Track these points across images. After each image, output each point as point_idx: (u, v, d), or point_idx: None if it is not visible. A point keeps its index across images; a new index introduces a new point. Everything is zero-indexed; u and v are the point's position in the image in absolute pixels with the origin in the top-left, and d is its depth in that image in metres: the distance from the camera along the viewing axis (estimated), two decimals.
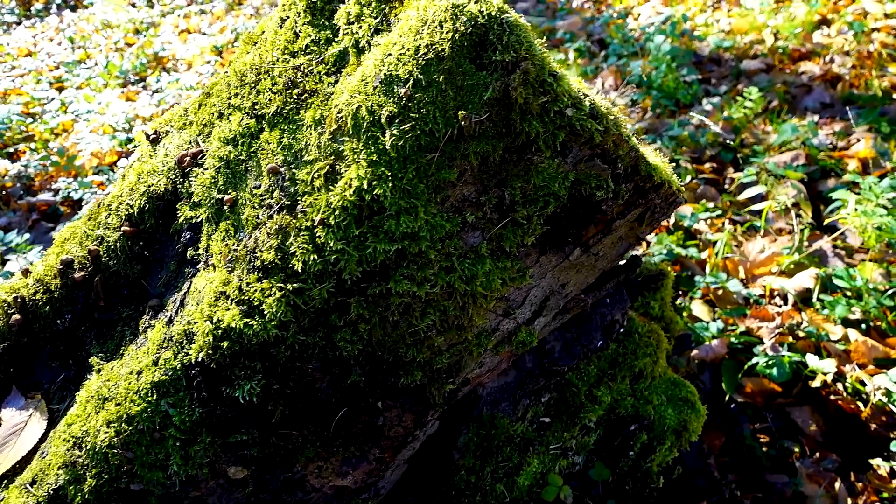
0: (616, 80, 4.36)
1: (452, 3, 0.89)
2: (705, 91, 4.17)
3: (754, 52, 4.47)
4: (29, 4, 7.50)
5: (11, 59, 6.19)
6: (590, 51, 4.85)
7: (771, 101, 3.91)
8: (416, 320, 1.01)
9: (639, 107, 4.16)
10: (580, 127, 0.92)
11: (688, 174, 3.28)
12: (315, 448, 1.10)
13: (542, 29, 5.22)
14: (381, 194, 0.91)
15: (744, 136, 3.58)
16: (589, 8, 5.65)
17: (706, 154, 3.47)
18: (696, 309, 2.34)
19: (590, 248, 1.10)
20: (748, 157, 3.44)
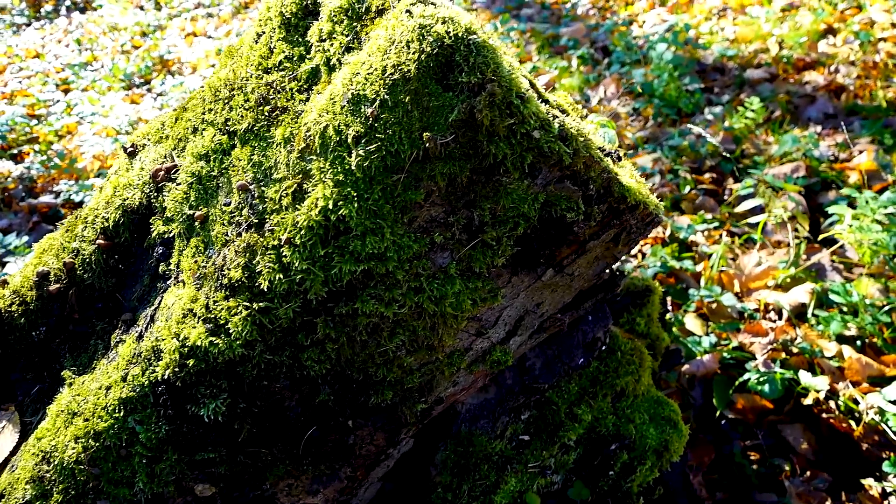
0: (618, 88, 4.34)
1: (420, 24, 0.88)
2: (708, 100, 4.15)
3: (758, 61, 4.44)
4: (39, 6, 7.57)
5: (20, 60, 6.24)
6: (593, 58, 4.83)
7: (773, 112, 3.88)
8: (385, 340, 1.00)
9: (640, 115, 4.15)
10: (548, 149, 0.91)
11: (687, 184, 3.26)
12: (285, 466, 1.09)
13: (545, 35, 5.21)
14: (346, 214, 0.90)
15: (745, 146, 3.55)
16: (594, 15, 5.63)
17: (706, 164, 3.45)
18: (689, 323, 2.32)
19: (564, 268, 1.09)
20: (748, 167, 3.41)
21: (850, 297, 2.30)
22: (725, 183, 3.37)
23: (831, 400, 2.06)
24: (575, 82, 4.39)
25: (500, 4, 5.93)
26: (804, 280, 2.49)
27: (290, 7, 1.08)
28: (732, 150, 3.53)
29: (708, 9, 5.39)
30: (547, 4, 5.88)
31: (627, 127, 4.00)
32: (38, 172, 4.04)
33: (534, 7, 5.85)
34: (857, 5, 4.99)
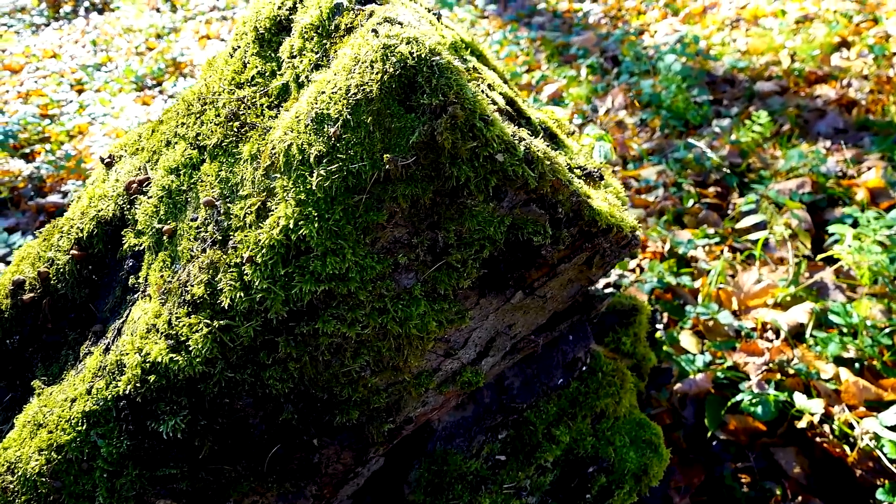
0: (626, 99, 4.31)
1: (384, 44, 0.87)
2: (716, 112, 4.10)
3: (769, 73, 4.39)
4: (58, 6, 7.67)
5: (37, 60, 6.33)
6: (602, 67, 4.80)
7: (782, 125, 3.83)
8: (349, 360, 0.99)
9: (647, 126, 4.11)
10: (513, 172, 0.89)
11: (690, 198, 3.23)
12: (249, 483, 1.08)
13: (556, 44, 5.19)
14: (307, 234, 0.90)
15: (751, 160, 3.51)
16: (605, 24, 5.60)
17: (711, 178, 3.40)
18: (684, 340, 2.28)
19: (535, 290, 1.07)
20: (754, 182, 3.37)
21: (851, 318, 2.26)
22: (730, 197, 3.33)
23: (826, 424, 2.02)
24: (583, 92, 4.37)
25: (511, 12, 5.92)
26: (804, 299, 2.45)
27: (263, 22, 1.07)
28: (738, 164, 3.49)
29: (721, 19, 5.34)
30: (559, 13, 5.86)
31: (634, 138, 3.97)
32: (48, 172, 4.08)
33: (545, 15, 5.83)
34: (872, 18, 4.91)
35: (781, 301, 2.44)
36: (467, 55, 1.52)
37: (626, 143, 3.80)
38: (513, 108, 1.25)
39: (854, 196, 3.14)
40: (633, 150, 3.76)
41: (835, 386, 2.11)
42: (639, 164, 3.64)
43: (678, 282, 2.54)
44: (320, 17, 1.00)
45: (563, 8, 5.94)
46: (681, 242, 2.74)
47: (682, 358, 2.18)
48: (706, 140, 3.74)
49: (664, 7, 5.73)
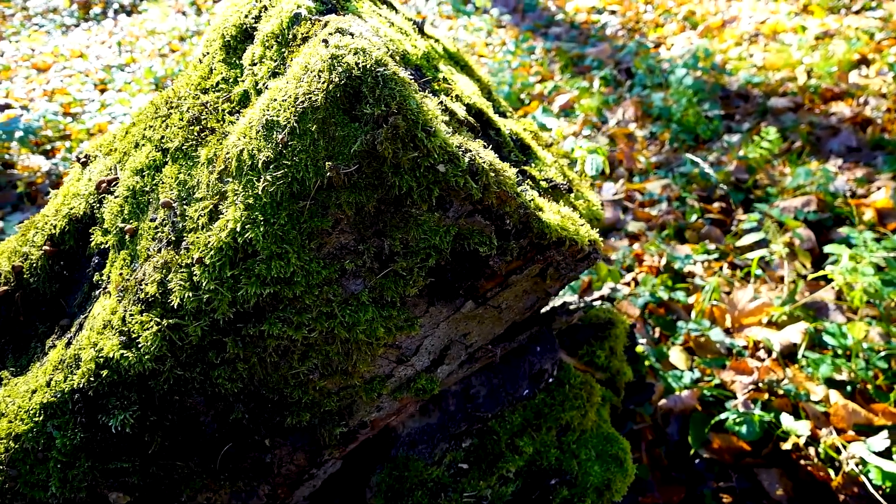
0: (636, 112, 4.29)
1: (332, 54, 0.89)
2: (727, 127, 4.06)
3: (784, 89, 4.34)
4: (88, 8, 7.87)
5: (64, 59, 6.50)
6: (616, 79, 4.79)
7: (794, 142, 3.78)
8: (296, 363, 1.01)
9: (657, 140, 4.09)
10: (455, 183, 0.90)
11: (693, 213, 3.20)
12: (202, 480, 1.10)
13: (571, 55, 5.19)
14: (253, 238, 0.92)
15: (759, 176, 3.46)
16: (622, 36, 5.58)
17: (716, 193, 3.37)
18: (673, 356, 2.26)
19: (488, 300, 1.08)
20: (760, 199, 3.33)
21: (845, 339, 2.22)
22: (735, 213, 3.29)
23: (812, 446, 1.98)
24: (594, 103, 4.36)
25: (529, 22, 5.93)
26: (801, 318, 2.41)
27: (230, 30, 1.10)
28: (745, 180, 3.45)
29: (739, 34, 5.30)
30: (576, 24, 5.86)
31: (643, 151, 3.95)
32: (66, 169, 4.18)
33: (563, 26, 5.83)
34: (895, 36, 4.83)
35: (776, 320, 2.41)
36: (448, 66, 1.54)
37: (633, 155, 3.78)
38: (480, 119, 1.26)
39: (862, 216, 3.09)
40: (641, 163, 3.74)
41: (824, 408, 2.07)
42: (645, 178, 3.62)
43: (672, 297, 2.52)
44: (280, 26, 1.02)
45: (580, 19, 5.94)
46: (678, 257, 2.72)
47: (669, 374, 2.17)
48: (715, 155, 3.71)
49: (683, 20, 5.70)
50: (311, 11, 1.02)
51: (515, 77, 4.55)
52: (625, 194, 3.46)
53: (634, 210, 3.29)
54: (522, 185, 1.17)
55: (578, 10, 6.14)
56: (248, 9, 1.10)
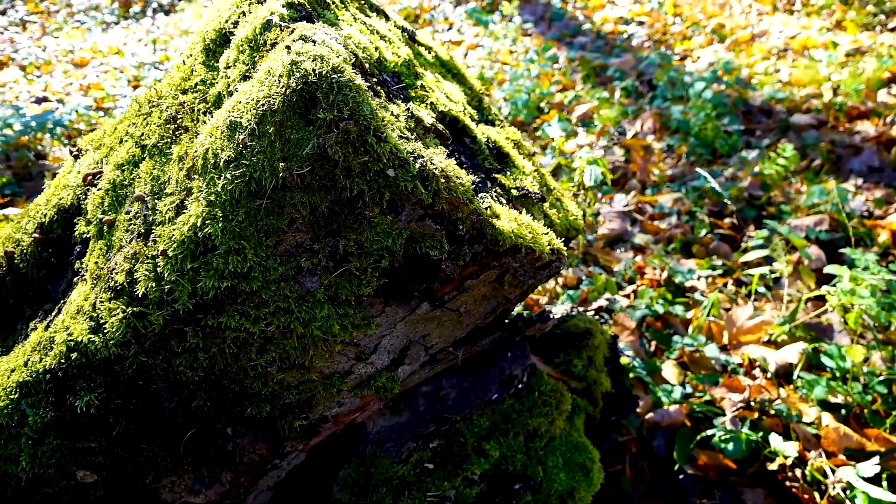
0: (655, 124, 4.27)
1: (292, 60, 0.93)
2: (746, 142, 4.02)
3: (808, 106, 4.27)
4: (128, 6, 8.12)
5: (102, 55, 6.72)
6: (637, 90, 4.77)
7: (814, 160, 3.72)
8: (254, 356, 1.05)
9: (674, 153, 4.06)
10: (405, 188, 0.93)
11: (703, 228, 3.17)
12: (166, 463, 1.15)
13: (594, 64, 5.18)
14: (212, 233, 0.96)
15: (773, 193, 3.42)
16: (648, 47, 5.55)
17: (728, 209, 3.34)
18: (666, 370, 2.25)
19: (445, 303, 1.11)
20: (773, 216, 3.28)
21: (844, 362, 2.18)
22: (746, 230, 3.25)
23: (799, 468, 1.95)
24: (613, 114, 4.34)
25: (555, 31, 5.94)
26: (802, 338, 2.38)
27: (210, 34, 1.15)
28: (759, 196, 3.41)
29: (768, 48, 5.22)
30: (603, 34, 5.84)
31: (659, 164, 3.92)
32: None
33: (589, 36, 5.82)
34: None
35: (775, 339, 2.38)
36: (437, 73, 1.57)
37: (647, 168, 3.76)
38: (454, 126, 1.29)
39: (877, 237, 3.03)
40: (655, 175, 3.72)
41: (815, 430, 2.04)
42: (658, 190, 3.60)
43: (671, 311, 2.51)
44: (254, 31, 1.06)
45: (607, 30, 5.92)
46: (680, 272, 2.70)
47: (659, 387, 2.16)
48: (731, 170, 3.67)
49: (711, 33, 5.64)
50: (284, 18, 1.06)
51: (535, 85, 4.56)
52: (635, 206, 3.44)
53: (643, 222, 3.28)
54: (488, 191, 1.20)
55: (606, 20, 6.12)
56: (229, 14, 1.15)
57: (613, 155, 4.00)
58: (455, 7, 6.54)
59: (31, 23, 8.11)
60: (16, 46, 7.40)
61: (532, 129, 4.44)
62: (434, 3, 6.74)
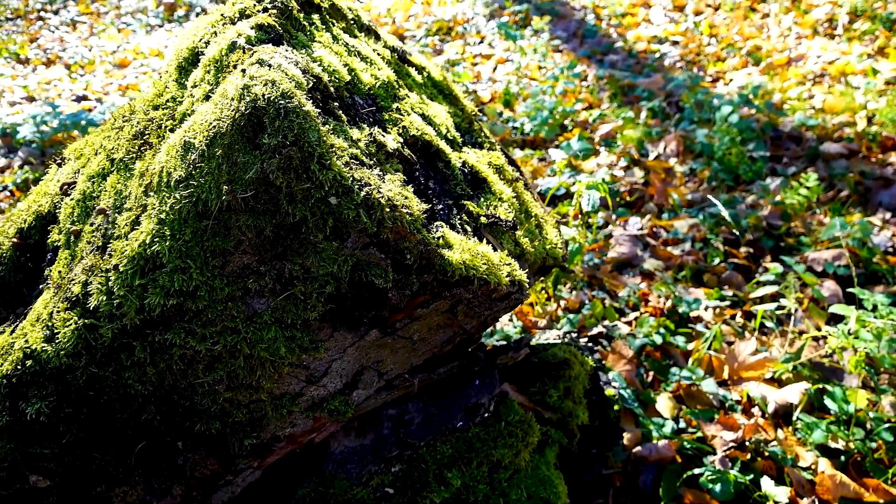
0: (679, 146, 4.19)
1: (245, 84, 0.94)
2: (772, 170, 3.91)
3: (840, 134, 4.14)
4: (173, 10, 8.35)
5: (143, 57, 6.92)
6: (664, 112, 4.69)
7: (840, 191, 3.60)
8: (201, 374, 1.06)
9: (696, 177, 3.98)
10: (347, 216, 0.93)
11: (716, 256, 3.10)
12: (118, 473, 1.16)
13: (622, 83, 5.12)
14: (160, 251, 0.97)
15: (794, 224, 3.32)
16: (680, 68, 5.46)
17: (745, 237, 3.25)
18: (660, 403, 2.20)
19: (397, 331, 1.10)
20: (792, 247, 3.19)
21: (847, 405, 2.09)
22: (763, 260, 3.16)
23: None
24: (637, 134, 4.28)
25: (586, 48, 5.90)
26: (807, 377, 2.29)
27: (184, 52, 1.17)
28: (778, 226, 3.31)
29: (804, 73, 5.09)
30: (634, 52, 5.78)
31: (680, 188, 3.85)
32: None
33: (620, 54, 5.76)
34: None
35: (779, 377, 2.30)
36: (425, 93, 1.57)
37: (666, 191, 3.69)
38: (427, 151, 1.28)
39: None
40: (673, 199, 3.65)
41: (811, 476, 1.96)
42: (675, 215, 3.53)
43: (672, 341, 2.45)
44: (220, 52, 1.08)
45: (639, 48, 5.85)
46: (686, 300, 2.64)
47: (650, 420, 2.11)
48: (753, 197, 3.58)
49: (746, 55, 5.53)
50: (251, 40, 1.07)
51: (559, 102, 4.53)
52: (649, 230, 3.38)
53: (656, 247, 3.21)
54: (452, 219, 1.19)
55: (639, 38, 6.05)
56: (203, 33, 1.16)
57: (633, 176, 3.94)
58: (488, 21, 6.55)
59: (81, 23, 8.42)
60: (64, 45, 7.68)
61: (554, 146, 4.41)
62: (468, 16, 6.76)
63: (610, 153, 4.23)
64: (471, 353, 1.28)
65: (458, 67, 5.52)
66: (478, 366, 1.37)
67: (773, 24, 5.98)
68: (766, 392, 2.20)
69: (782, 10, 6.09)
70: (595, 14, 6.65)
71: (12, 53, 7.29)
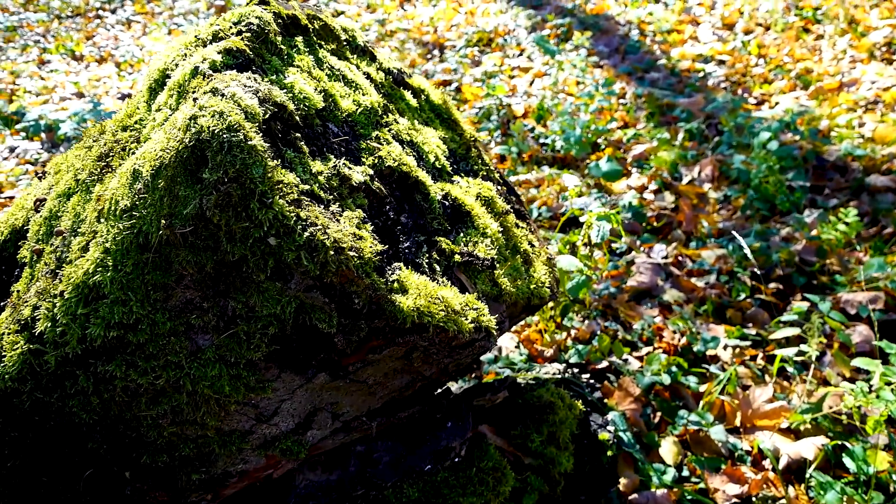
0: (714, 171, 4.04)
1: (193, 114, 0.90)
2: (811, 201, 3.72)
3: (889, 166, 3.92)
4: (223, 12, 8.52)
5: None
6: (702, 134, 4.53)
7: (885, 227, 3.40)
8: (144, 407, 1.02)
9: (730, 205, 3.82)
10: (287, 257, 0.88)
11: (742, 291, 2.95)
12: (67, 499, 1.14)
13: (661, 102, 4.97)
14: (101, 281, 0.94)
15: (830, 261, 3.14)
16: (725, 89, 5.28)
17: (775, 273, 3.09)
18: (664, 447, 2.09)
19: (349, 374, 1.05)
20: (825, 286, 3.02)
21: (868, 466, 1.95)
22: (793, 298, 3.00)
23: None
24: (671, 157, 4.14)
25: (627, 64, 5.76)
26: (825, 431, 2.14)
27: (154, 74, 1.15)
28: (812, 263, 3.14)
29: (855, 99, 4.85)
30: (677, 71, 5.61)
31: (713, 215, 3.70)
32: None
33: (662, 72, 5.61)
34: None
35: (795, 427, 2.15)
36: (418, 118, 1.52)
37: (696, 218, 3.55)
38: (404, 183, 1.23)
39: None
40: (703, 227, 3.51)
41: None
42: (703, 244, 3.38)
43: (683, 381, 2.33)
44: (184, 76, 1.05)
45: (683, 66, 5.68)
46: (703, 338, 2.51)
47: (651, 466, 2.00)
48: (788, 230, 3.41)
49: (795, 78, 5.31)
50: (216, 65, 1.04)
51: (591, 120, 4.42)
52: (674, 259, 3.25)
53: (679, 278, 3.08)
54: (420, 257, 1.13)
55: (684, 56, 5.88)
56: (175, 55, 1.14)
57: (663, 200, 3.81)
58: (529, 33, 6.47)
59: (136, 22, 8.68)
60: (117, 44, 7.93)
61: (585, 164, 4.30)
62: (509, 28, 6.70)
63: (641, 175, 4.10)
64: (437, 396, 1.22)
65: (495, 80, 5.46)
66: (440, 412, 1.31)
67: (826, 47, 5.73)
68: (780, 444, 2.07)
69: (837, 32, 5.84)
70: (640, 30, 6.50)
71: (68, 50, 7.56)
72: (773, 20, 6.18)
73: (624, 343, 2.58)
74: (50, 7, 9.40)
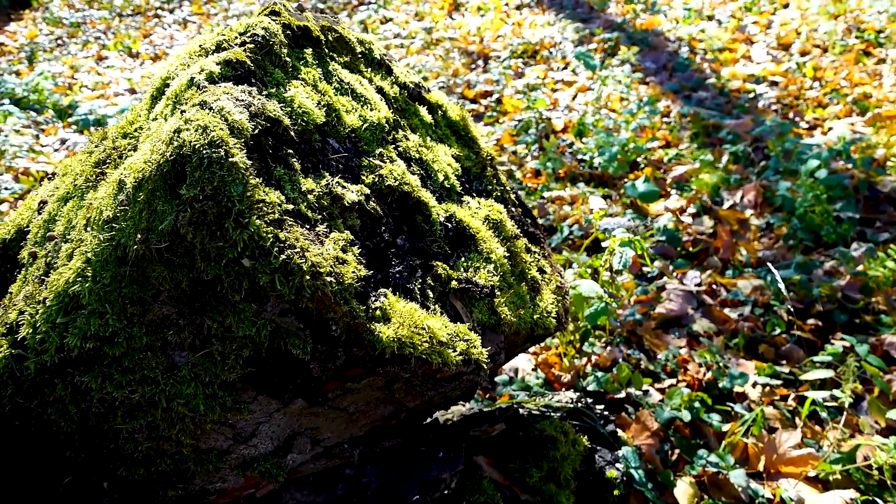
0: (757, 198, 3.88)
1: (177, 127, 0.88)
2: (860, 233, 3.54)
3: None
4: None
5: None
6: (748, 157, 4.37)
7: None
8: (120, 420, 1.01)
9: (773, 233, 3.66)
10: (260, 280, 0.85)
11: (777, 326, 2.81)
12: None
13: (707, 123, 4.82)
14: (80, 291, 0.93)
15: (876, 299, 2.97)
16: (776, 111, 5.09)
17: (815, 308, 2.93)
18: (679, 488, 1.99)
19: (328, 401, 1.01)
20: (869, 325, 2.85)
21: None
22: (833, 336, 2.84)
23: None
24: (713, 180, 4.00)
25: (675, 82, 5.61)
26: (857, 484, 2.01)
27: (157, 82, 1.14)
28: (856, 300, 2.97)
29: None
30: (726, 91, 5.44)
31: (753, 242, 3.55)
32: None
33: (710, 91, 5.45)
34: None
35: (823, 477, 2.03)
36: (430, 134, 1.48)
37: (735, 245, 3.41)
38: (405, 203, 1.19)
39: None
40: (740, 255, 3.37)
41: None
42: (740, 273, 3.25)
43: (705, 419, 2.22)
44: (180, 87, 1.03)
45: (733, 86, 5.51)
46: (731, 374, 2.39)
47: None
48: (832, 264, 3.24)
49: (851, 103, 5.08)
50: (212, 77, 1.02)
51: (631, 138, 4.32)
52: (707, 287, 3.12)
53: (712, 308, 2.96)
54: (414, 282, 1.08)
55: (735, 75, 5.70)
56: (178, 64, 1.12)
57: (701, 225, 3.68)
58: (576, 46, 6.38)
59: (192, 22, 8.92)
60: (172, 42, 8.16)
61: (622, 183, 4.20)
62: (556, 41, 6.62)
63: (681, 197, 3.97)
64: (425, 427, 1.17)
65: (537, 92, 5.39)
66: (426, 445, 1.26)
67: (888, 72, 5.48)
68: (805, 494, 1.95)
69: None
70: (690, 47, 6.34)
71: (125, 47, 7.82)
72: (832, 42, 5.94)
73: (646, 373, 2.48)
74: (113, 5, 9.75)
